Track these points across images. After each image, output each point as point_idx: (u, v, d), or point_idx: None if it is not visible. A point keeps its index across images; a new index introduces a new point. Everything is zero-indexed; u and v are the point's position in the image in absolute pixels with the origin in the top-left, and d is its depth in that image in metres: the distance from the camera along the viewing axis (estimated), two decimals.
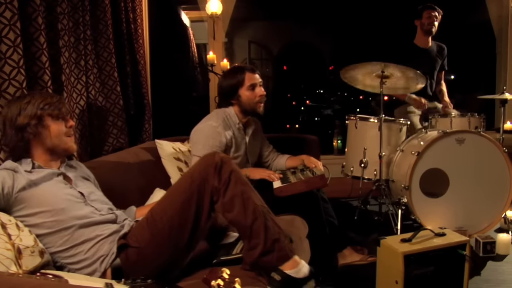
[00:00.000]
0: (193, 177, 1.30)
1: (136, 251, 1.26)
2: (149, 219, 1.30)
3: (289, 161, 2.05)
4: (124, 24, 2.90)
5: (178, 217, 1.27)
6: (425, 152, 2.17)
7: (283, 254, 1.26)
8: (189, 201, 1.27)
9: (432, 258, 1.50)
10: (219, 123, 1.84)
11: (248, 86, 1.86)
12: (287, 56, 7.00)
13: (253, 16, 6.61)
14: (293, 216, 1.73)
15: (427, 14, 2.89)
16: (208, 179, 1.28)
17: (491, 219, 2.25)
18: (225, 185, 1.27)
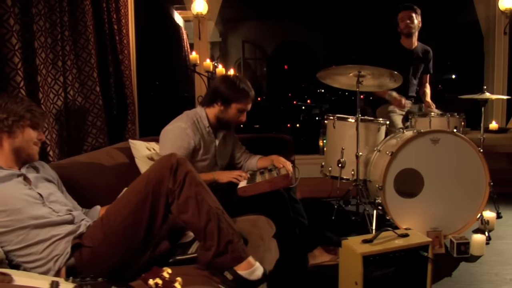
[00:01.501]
0: (149, 178, 1.31)
1: (89, 250, 1.27)
2: (103, 219, 1.31)
3: (260, 161, 2.05)
4: (107, 24, 2.92)
5: (132, 217, 1.28)
6: (399, 152, 2.16)
7: (236, 255, 1.27)
8: (143, 202, 1.28)
9: (392, 259, 1.49)
10: (189, 125, 1.85)
11: (239, 108, 1.88)
12: (282, 56, 7.00)
13: (247, 16, 6.61)
14: (257, 216, 1.74)
15: (401, 16, 2.86)
16: (164, 181, 1.29)
17: (467, 220, 2.24)
18: (179, 186, 1.28)
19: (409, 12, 2.85)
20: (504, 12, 3.64)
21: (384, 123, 2.57)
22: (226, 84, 1.88)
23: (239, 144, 2.12)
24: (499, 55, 3.75)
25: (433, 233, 2.17)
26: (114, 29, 3.03)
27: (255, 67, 7.47)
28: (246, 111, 1.90)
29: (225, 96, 1.86)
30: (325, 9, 6.33)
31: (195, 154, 1.87)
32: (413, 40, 2.92)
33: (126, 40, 3.24)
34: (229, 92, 1.86)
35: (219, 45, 7.21)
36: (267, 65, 7.24)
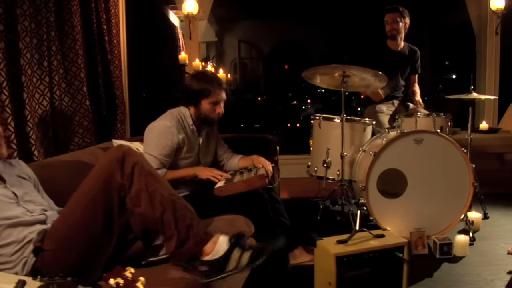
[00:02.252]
0: (98, 173, 1.28)
1: (50, 253, 1.25)
2: (59, 220, 1.30)
3: (241, 161, 2.06)
4: (95, 25, 2.92)
5: (86, 215, 1.25)
6: (382, 153, 2.16)
7: (198, 239, 1.26)
8: (96, 198, 1.25)
9: (367, 260, 1.49)
10: (173, 123, 1.86)
11: (213, 101, 1.87)
12: (278, 55, 7.01)
13: (243, 15, 6.61)
14: (235, 216, 1.74)
15: (386, 19, 2.86)
16: (113, 175, 1.26)
17: (451, 220, 2.24)
18: (129, 179, 1.25)
19: (393, 15, 2.85)
20: (496, 12, 3.63)
21: (370, 123, 2.56)
22: (193, 81, 1.91)
23: (222, 143, 2.13)
24: (490, 55, 3.75)
25: (416, 233, 2.17)
26: (104, 29, 3.03)
27: (251, 67, 7.49)
28: (222, 102, 1.89)
29: (194, 94, 1.89)
30: (322, 9, 6.34)
31: (179, 152, 1.88)
32: (399, 42, 2.92)
33: (117, 40, 3.25)
34: (196, 88, 1.88)
35: (215, 44, 7.23)
36: (263, 65, 7.26)
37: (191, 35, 3.58)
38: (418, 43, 3.08)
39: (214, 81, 1.88)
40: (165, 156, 1.83)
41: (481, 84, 3.85)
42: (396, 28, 2.84)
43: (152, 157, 1.83)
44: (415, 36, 3.06)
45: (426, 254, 2.15)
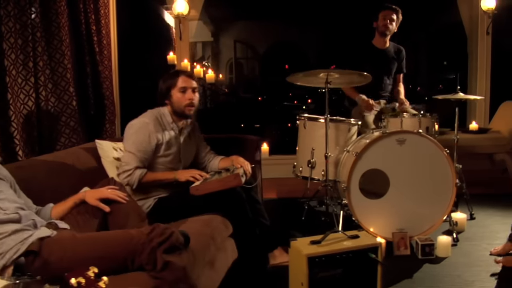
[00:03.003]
0: (128, 245, 1.30)
1: (43, 261, 1.26)
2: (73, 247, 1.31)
3: (222, 162, 2.06)
4: (84, 25, 2.93)
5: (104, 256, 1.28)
6: (364, 153, 2.16)
7: None
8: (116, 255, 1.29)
9: (339, 261, 1.49)
10: (151, 121, 1.88)
11: (180, 88, 1.89)
12: (273, 55, 7.00)
13: (239, 16, 6.62)
14: (212, 216, 1.75)
15: (382, 15, 2.87)
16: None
17: (434, 221, 2.23)
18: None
19: (392, 13, 2.86)
20: (486, 12, 3.62)
21: (356, 124, 2.56)
22: (161, 80, 1.96)
23: (204, 144, 2.14)
24: (482, 55, 3.73)
25: (398, 234, 2.17)
26: (92, 30, 3.05)
27: (247, 67, 7.50)
28: (191, 89, 1.90)
29: (164, 89, 1.92)
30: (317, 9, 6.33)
31: (158, 150, 1.89)
32: (385, 40, 2.92)
33: (106, 41, 3.26)
34: (165, 83, 1.93)
35: (211, 44, 7.24)
36: (259, 65, 7.26)
37: (182, 35, 3.59)
38: (414, 43, 3.08)
39: (178, 71, 1.94)
40: (144, 153, 1.84)
41: (472, 84, 3.83)
42: (390, 27, 2.84)
43: (131, 154, 1.84)
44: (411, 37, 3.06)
45: (408, 255, 2.14)
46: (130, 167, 1.82)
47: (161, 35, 4.88)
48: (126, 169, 1.83)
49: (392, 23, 2.85)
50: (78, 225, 1.61)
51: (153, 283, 1.26)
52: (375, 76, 2.93)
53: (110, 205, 1.64)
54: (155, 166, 1.90)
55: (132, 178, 1.83)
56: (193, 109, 1.92)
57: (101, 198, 1.63)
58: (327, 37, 6.66)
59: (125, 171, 1.83)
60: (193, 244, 1.47)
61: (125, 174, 1.82)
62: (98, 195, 1.64)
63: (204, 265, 1.55)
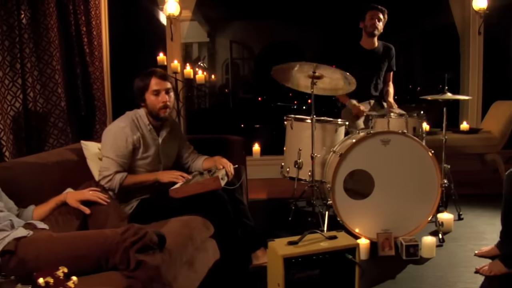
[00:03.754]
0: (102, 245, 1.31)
1: (18, 260, 1.28)
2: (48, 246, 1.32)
3: (206, 162, 2.07)
4: (73, 26, 2.95)
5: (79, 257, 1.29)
6: (349, 154, 2.16)
7: None
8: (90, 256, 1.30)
9: (316, 262, 1.49)
10: (127, 124, 1.88)
11: (153, 91, 1.88)
12: (270, 56, 6.99)
13: (235, 16, 6.62)
14: (193, 217, 1.75)
15: (369, 15, 2.86)
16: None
17: (419, 222, 2.23)
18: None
19: (379, 12, 2.85)
20: (478, 12, 3.61)
21: (343, 124, 2.56)
22: (135, 81, 1.94)
23: (187, 144, 2.14)
24: (474, 55, 3.72)
25: (383, 235, 2.17)
26: (83, 31, 3.06)
27: (243, 67, 7.49)
28: (164, 90, 1.88)
29: (138, 92, 1.91)
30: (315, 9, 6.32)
31: (136, 152, 1.89)
32: (373, 40, 2.92)
33: (97, 42, 3.28)
34: (138, 85, 1.91)
35: (207, 45, 7.24)
36: (255, 65, 7.24)
37: (173, 36, 3.59)
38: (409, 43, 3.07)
39: (151, 72, 1.89)
40: (122, 158, 1.85)
41: (465, 84, 3.82)
42: (378, 26, 2.84)
43: (109, 159, 1.85)
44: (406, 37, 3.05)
45: (392, 256, 2.14)
46: (110, 172, 1.83)
47: (156, 36, 4.88)
48: (105, 174, 1.83)
49: (379, 23, 2.85)
50: (58, 226, 1.62)
51: (126, 282, 1.27)
52: (365, 77, 2.95)
53: (90, 207, 1.65)
54: (134, 169, 1.90)
55: (113, 183, 1.83)
56: (168, 111, 1.91)
57: (82, 200, 1.64)
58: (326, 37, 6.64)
59: (105, 177, 1.83)
60: (170, 244, 1.48)
61: (106, 179, 1.83)
62: (79, 197, 1.65)
63: (182, 265, 1.56)
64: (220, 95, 6.65)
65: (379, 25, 2.85)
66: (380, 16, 2.85)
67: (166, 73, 1.92)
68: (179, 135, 2.10)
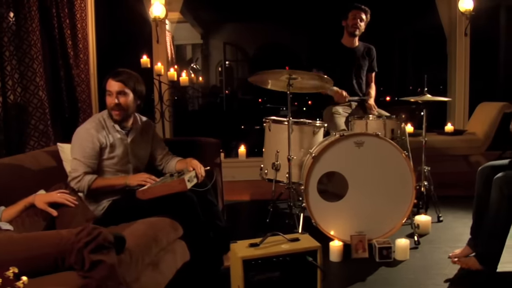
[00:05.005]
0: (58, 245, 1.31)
1: None
2: (6, 247, 1.32)
3: (178, 164, 2.07)
4: (57, 30, 2.98)
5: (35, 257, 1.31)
6: (322, 156, 2.16)
7: None
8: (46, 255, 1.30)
9: (277, 264, 1.50)
10: (93, 125, 1.90)
11: (107, 91, 1.89)
12: (264, 57, 7.00)
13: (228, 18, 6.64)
14: (160, 218, 1.76)
15: (352, 15, 2.85)
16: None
17: (393, 224, 2.22)
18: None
19: (362, 12, 2.84)
20: (464, 13, 3.60)
21: (321, 126, 2.56)
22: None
23: (161, 146, 2.15)
24: (460, 56, 3.71)
25: (356, 237, 2.17)
26: (67, 34, 3.09)
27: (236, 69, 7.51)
28: (114, 93, 1.87)
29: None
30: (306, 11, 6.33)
31: (103, 153, 1.91)
32: (354, 39, 2.91)
33: (83, 45, 3.31)
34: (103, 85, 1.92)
35: (200, 47, 7.27)
36: (248, 66, 7.26)
37: (159, 39, 3.61)
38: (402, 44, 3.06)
39: (111, 73, 1.89)
40: (89, 158, 1.86)
41: (452, 85, 3.81)
42: (359, 27, 2.83)
43: (77, 161, 1.87)
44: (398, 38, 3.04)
45: (366, 258, 2.14)
46: (79, 173, 1.85)
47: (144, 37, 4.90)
48: (74, 176, 1.85)
49: (361, 23, 2.84)
50: (24, 227, 1.64)
51: (81, 282, 1.28)
52: (345, 75, 2.94)
53: (58, 209, 1.67)
54: (102, 169, 1.91)
55: (81, 184, 1.85)
56: (120, 113, 1.89)
57: (49, 202, 1.66)
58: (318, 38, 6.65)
59: (74, 178, 1.85)
60: (131, 245, 1.50)
61: (75, 181, 1.85)
62: (47, 199, 1.67)
63: (145, 266, 1.57)
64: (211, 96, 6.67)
65: (361, 25, 2.84)
66: (362, 16, 2.84)
67: (124, 75, 1.87)
68: (152, 137, 2.11)
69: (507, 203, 1.82)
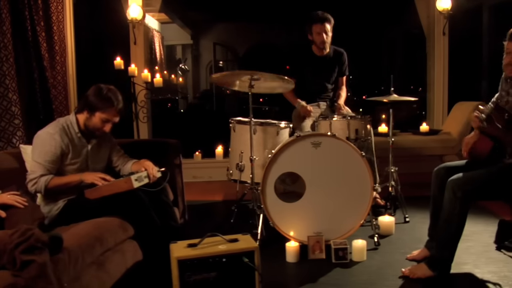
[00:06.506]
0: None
1: None
2: None
3: (134, 165, 2.09)
4: (30, 32, 3.02)
5: None
6: (279, 157, 2.16)
7: None
8: None
9: (213, 264, 1.51)
10: (57, 131, 1.92)
11: (103, 118, 1.92)
12: (254, 57, 7.00)
13: (218, 18, 6.65)
14: (109, 219, 1.78)
15: (315, 30, 2.78)
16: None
17: (352, 225, 2.22)
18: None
19: (325, 25, 2.76)
20: (442, 12, 3.57)
21: (286, 126, 2.56)
22: (94, 92, 1.94)
23: (117, 149, 2.17)
24: (439, 55, 3.68)
25: (313, 237, 2.16)
26: (41, 36, 3.13)
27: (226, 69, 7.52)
28: (112, 122, 1.94)
29: (90, 104, 1.93)
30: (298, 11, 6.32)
31: (65, 158, 1.94)
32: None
33: (59, 46, 3.34)
34: (95, 100, 1.92)
35: (190, 47, 7.30)
36: (238, 66, 7.26)
37: (136, 40, 3.64)
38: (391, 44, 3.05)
39: (115, 101, 1.92)
40: (50, 163, 1.89)
41: (430, 84, 3.78)
42: (327, 40, 2.79)
43: (37, 163, 1.89)
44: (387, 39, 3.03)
45: (323, 259, 2.14)
46: (36, 175, 1.87)
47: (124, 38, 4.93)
48: (31, 178, 1.88)
49: (328, 34, 2.78)
50: None
51: (12, 280, 1.31)
52: (315, 81, 2.94)
53: (8, 210, 1.70)
54: (63, 174, 1.94)
55: (38, 185, 1.88)
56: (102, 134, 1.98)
57: None
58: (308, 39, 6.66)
59: (31, 180, 1.88)
60: (72, 245, 1.52)
61: (31, 182, 1.88)
62: None
63: (88, 265, 1.58)
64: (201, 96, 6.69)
65: (327, 38, 2.79)
66: (327, 29, 2.76)
67: (121, 102, 1.96)
68: (109, 140, 2.14)
69: (460, 206, 1.81)
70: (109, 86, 1.99)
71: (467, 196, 1.80)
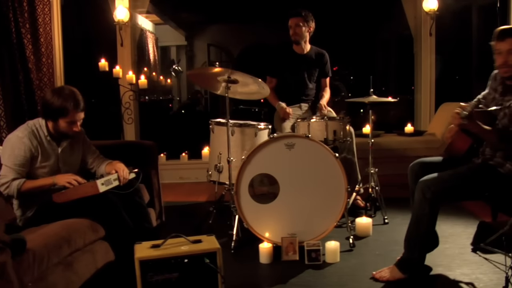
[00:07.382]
0: None
1: None
2: None
3: (107, 167, 2.11)
4: (14, 34, 3.05)
5: None
6: (253, 158, 2.17)
7: None
8: None
9: (175, 265, 1.52)
10: (26, 134, 1.93)
11: (67, 121, 1.93)
12: (248, 58, 7.00)
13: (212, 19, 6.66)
14: (78, 220, 1.80)
15: (289, 24, 2.83)
16: None
17: (326, 226, 2.22)
18: None
19: (296, 19, 2.82)
20: (429, 13, 3.56)
21: (266, 128, 2.56)
22: (48, 102, 1.92)
23: (92, 150, 2.18)
24: (425, 56, 3.67)
25: (287, 239, 2.17)
26: (26, 38, 3.16)
27: None
28: (78, 121, 1.95)
29: (49, 114, 1.93)
30: None
31: (34, 161, 1.95)
32: (303, 46, 2.91)
33: (45, 48, 3.38)
34: (52, 110, 1.91)
35: (185, 48, 7.32)
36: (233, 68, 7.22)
37: (123, 42, 3.67)
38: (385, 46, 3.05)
39: (71, 102, 1.90)
40: (20, 166, 1.90)
41: (418, 85, 3.76)
42: (298, 33, 2.83)
43: (7, 168, 1.91)
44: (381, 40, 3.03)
45: (296, 260, 2.14)
46: (7, 179, 1.89)
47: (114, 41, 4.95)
48: (3, 182, 1.89)
49: (301, 30, 2.81)
50: None
51: None
52: (295, 81, 2.95)
53: None
54: (34, 177, 1.95)
55: (10, 189, 1.89)
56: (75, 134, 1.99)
57: None
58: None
59: (3, 184, 1.89)
60: (38, 246, 1.54)
61: (3, 186, 1.89)
62: None
63: (54, 265, 1.60)
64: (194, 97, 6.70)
65: (300, 31, 2.81)
66: (299, 23, 2.80)
67: (82, 101, 1.94)
68: (83, 142, 2.15)
69: (429, 208, 1.80)
70: (61, 88, 1.97)
71: (436, 197, 1.79)
